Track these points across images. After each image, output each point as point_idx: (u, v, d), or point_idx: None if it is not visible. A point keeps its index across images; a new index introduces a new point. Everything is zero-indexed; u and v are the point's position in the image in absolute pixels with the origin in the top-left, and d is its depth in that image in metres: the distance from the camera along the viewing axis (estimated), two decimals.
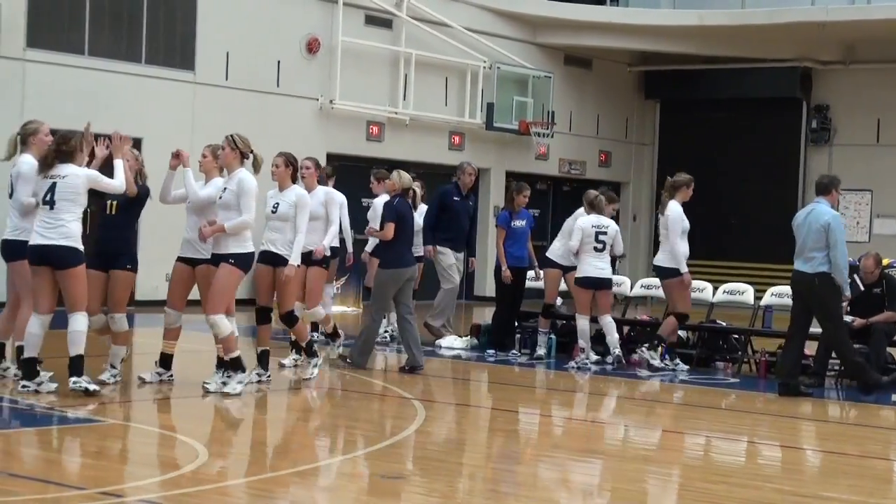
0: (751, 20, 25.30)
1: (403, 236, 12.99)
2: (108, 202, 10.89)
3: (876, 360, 13.29)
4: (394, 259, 12.95)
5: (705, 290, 15.24)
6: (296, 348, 12.90)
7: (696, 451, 10.01)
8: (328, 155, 22.23)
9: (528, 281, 15.58)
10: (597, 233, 14.16)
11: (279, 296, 11.59)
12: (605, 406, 12.36)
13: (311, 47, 22.25)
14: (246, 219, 10.74)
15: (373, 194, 16.02)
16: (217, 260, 10.80)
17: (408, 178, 13.23)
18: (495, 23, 25.45)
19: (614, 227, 14.38)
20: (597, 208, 14.40)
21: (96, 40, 19.42)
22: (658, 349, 14.01)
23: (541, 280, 15.78)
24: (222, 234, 10.73)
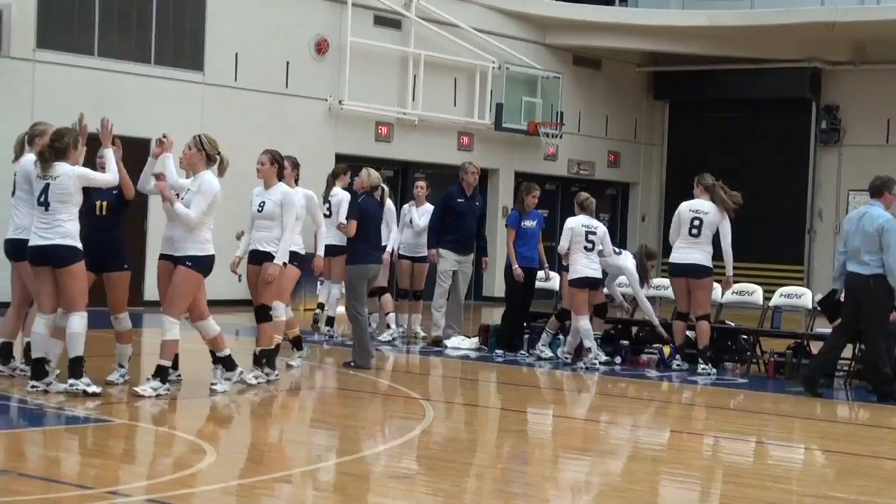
0: (760, 20, 25.29)
1: (368, 234, 13.01)
2: (98, 203, 10.80)
3: None
4: (360, 256, 13.01)
5: (714, 291, 15.19)
6: (296, 346, 12.98)
7: (705, 451, 9.98)
8: (337, 155, 22.24)
9: (538, 281, 15.59)
10: (587, 232, 14.31)
11: (258, 289, 11.49)
12: (614, 406, 12.34)
13: (320, 48, 22.26)
14: (191, 214, 10.40)
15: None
16: (175, 259, 10.55)
17: (376, 177, 13.29)
18: (504, 23, 25.44)
19: (602, 228, 14.55)
20: (587, 209, 14.56)
21: (106, 41, 19.44)
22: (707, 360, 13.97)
23: (550, 280, 15.82)
24: (177, 232, 10.51)
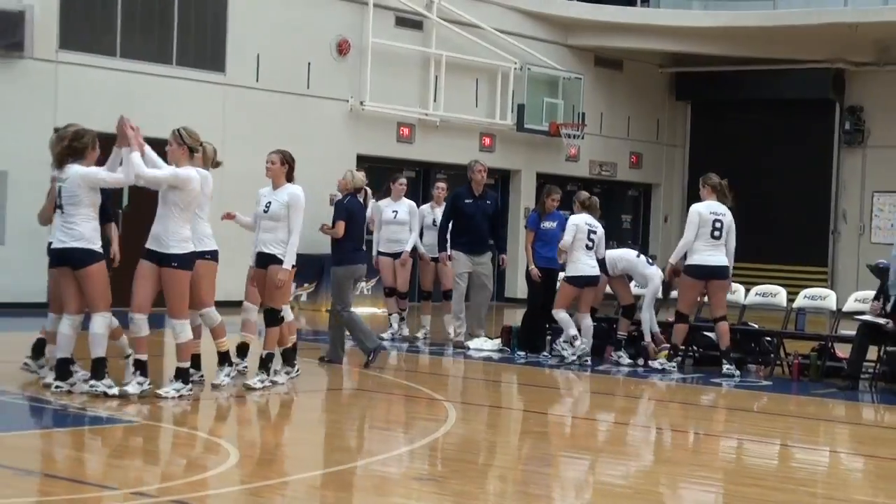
0: (783, 21, 25.17)
1: (354, 234, 13.01)
2: None
3: None
4: (346, 256, 12.99)
5: (738, 292, 15.16)
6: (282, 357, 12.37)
7: (729, 453, 9.93)
8: (358, 156, 22.27)
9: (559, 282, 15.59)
10: (589, 231, 14.37)
11: (266, 292, 11.36)
12: (636, 408, 12.31)
13: (342, 49, 22.26)
14: (146, 172, 10.09)
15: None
16: (158, 258, 10.27)
17: (360, 178, 13.26)
18: (526, 24, 25.41)
19: (601, 229, 14.60)
20: (590, 209, 14.60)
21: (128, 42, 19.49)
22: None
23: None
24: (159, 231, 10.27)
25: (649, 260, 15.11)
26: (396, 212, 16.28)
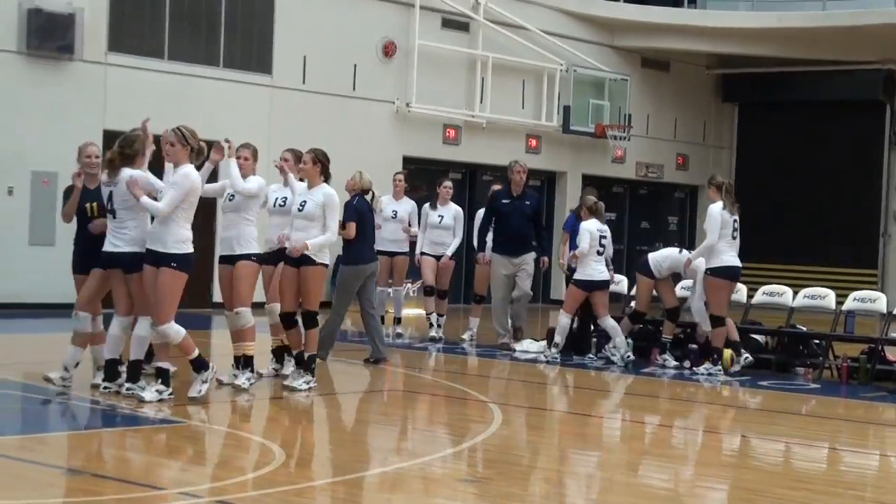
0: (832, 22, 24.96)
1: (364, 234, 12.99)
2: (88, 205, 10.63)
3: None
4: (355, 256, 13.01)
5: (785, 295, 15.06)
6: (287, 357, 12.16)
7: (776, 456, 9.87)
8: (404, 158, 22.31)
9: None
10: (601, 237, 14.52)
11: (303, 295, 11.30)
12: (682, 411, 12.24)
13: (388, 51, 22.30)
14: (159, 207, 9.95)
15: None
16: (157, 258, 10.10)
17: (367, 180, 13.24)
18: (572, 26, 25.36)
19: (609, 233, 14.78)
20: (597, 213, 14.70)
21: (176, 44, 19.63)
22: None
23: (618, 283, 15.76)
24: (159, 230, 10.09)
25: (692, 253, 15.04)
26: (442, 216, 16.29)
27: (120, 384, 10.44)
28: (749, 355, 14.18)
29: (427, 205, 16.45)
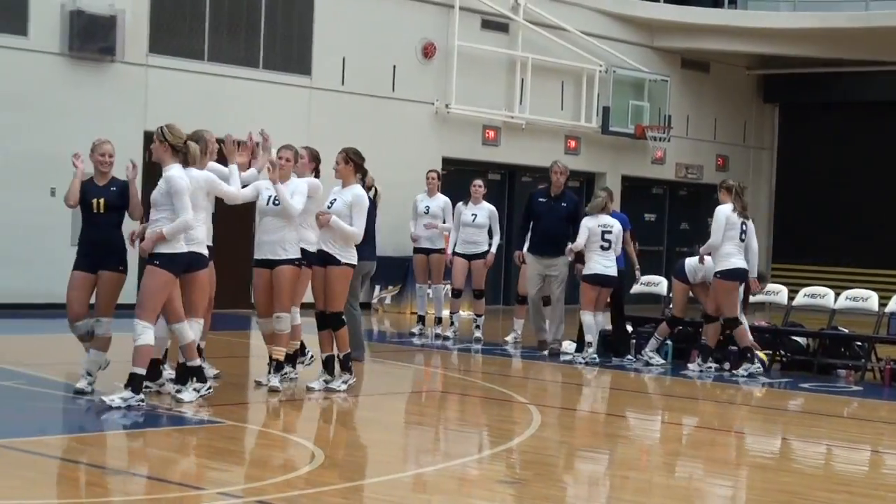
0: (874, 22, 24.74)
1: (365, 232, 12.79)
2: (95, 200, 10.40)
3: None
4: (357, 253, 12.86)
5: (827, 297, 14.97)
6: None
7: (817, 459, 9.81)
8: (444, 159, 22.30)
9: (636, 284, 15.80)
10: (602, 232, 14.62)
11: (327, 296, 11.25)
12: (722, 413, 12.18)
13: (427, 52, 22.31)
14: (185, 219, 9.90)
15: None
16: (148, 261, 10.04)
17: (371, 177, 13.14)
18: (612, 26, 25.29)
19: (618, 226, 14.79)
20: (604, 209, 14.82)
21: (215, 46, 19.71)
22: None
23: (648, 285, 15.81)
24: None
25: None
26: (475, 215, 16.30)
27: (161, 384, 10.50)
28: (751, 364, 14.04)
29: (461, 203, 16.48)
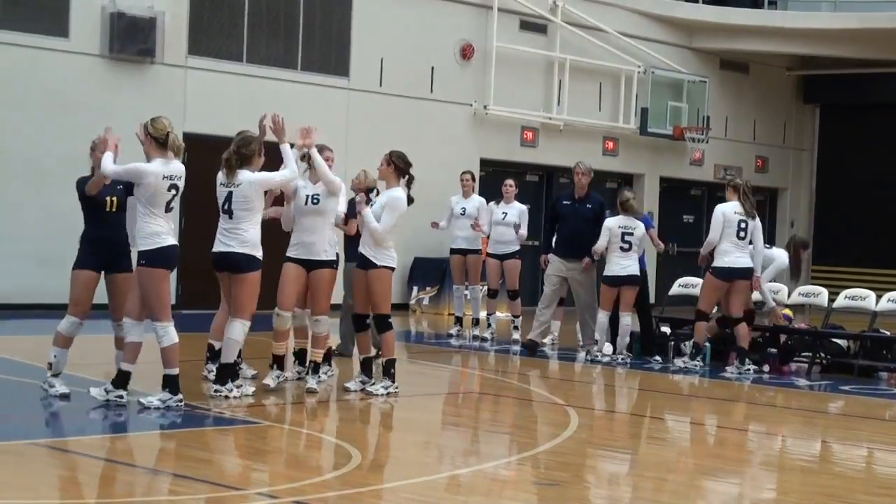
0: None
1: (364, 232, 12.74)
2: (108, 199, 10.16)
3: None
4: (354, 253, 12.78)
5: (868, 299, 14.87)
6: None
7: (858, 462, 9.74)
8: (482, 160, 22.30)
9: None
10: (623, 233, 14.66)
11: (370, 299, 11.21)
12: (762, 415, 12.11)
13: (466, 53, 22.31)
14: (138, 219, 9.76)
15: None
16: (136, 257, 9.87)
17: (372, 178, 13.01)
18: (650, 27, 25.22)
19: (641, 228, 14.79)
20: (628, 210, 14.83)
21: (254, 48, 19.78)
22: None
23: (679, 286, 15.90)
24: (136, 232, 9.92)
25: (767, 246, 14.94)
26: (506, 213, 16.33)
27: (238, 386, 10.57)
28: (751, 366, 14.20)
29: (492, 203, 16.56)
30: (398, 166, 11.32)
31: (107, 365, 11.26)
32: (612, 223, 14.74)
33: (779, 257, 14.82)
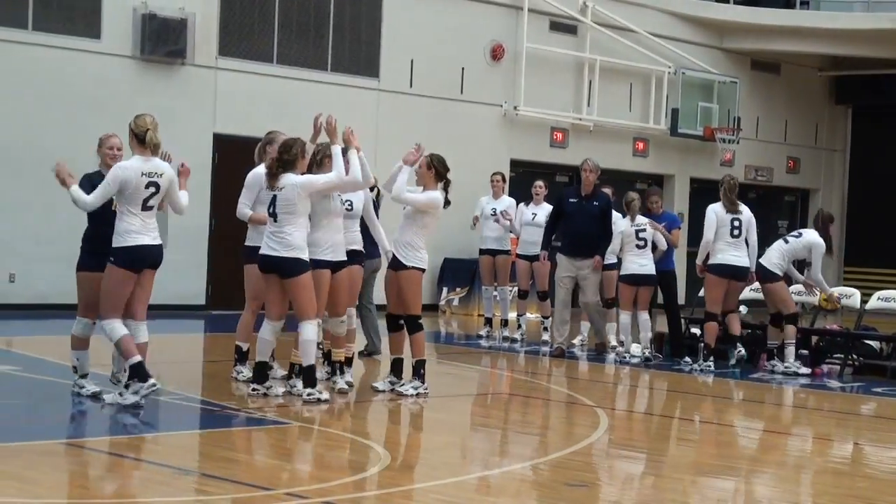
0: None
1: (369, 230, 12.33)
2: (112, 197, 9.99)
3: None
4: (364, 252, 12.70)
5: (853, 297, 14.89)
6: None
7: (890, 464, 9.67)
8: (511, 161, 22.29)
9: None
10: (636, 231, 14.78)
11: (400, 299, 11.21)
12: (793, 417, 12.05)
13: (496, 54, 22.30)
14: (84, 198, 9.77)
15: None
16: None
17: (373, 177, 13.02)
18: (680, 28, 25.14)
19: (649, 225, 14.91)
20: (633, 211, 14.95)
21: (284, 49, 19.83)
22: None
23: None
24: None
25: (796, 233, 14.80)
26: (535, 214, 16.31)
27: (268, 387, 10.59)
28: (742, 349, 14.26)
29: (522, 204, 16.58)
30: (438, 170, 11.32)
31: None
32: (623, 224, 14.87)
33: (816, 243, 14.46)
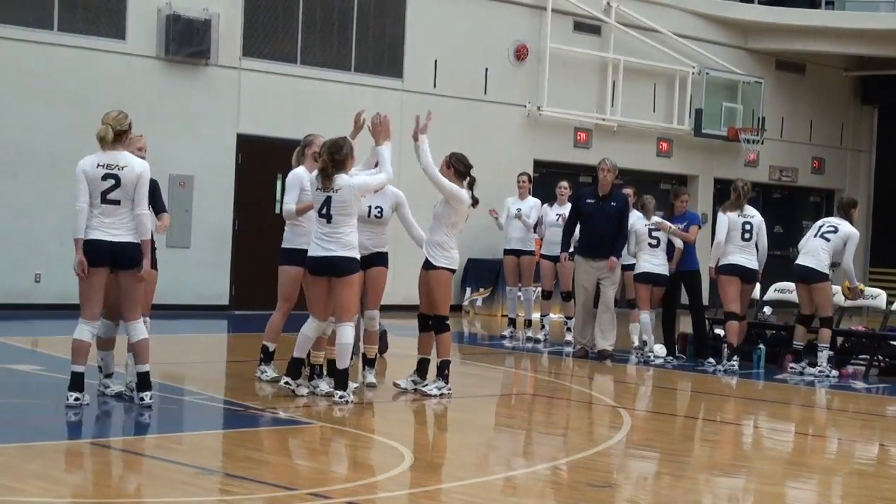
0: None
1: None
2: None
3: None
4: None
5: (879, 297, 14.84)
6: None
7: None
8: (535, 161, 22.27)
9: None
10: (650, 230, 14.93)
11: (429, 299, 11.19)
12: (817, 418, 12.01)
13: (520, 54, 22.28)
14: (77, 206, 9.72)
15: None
16: None
17: None
18: (705, 28, 25.07)
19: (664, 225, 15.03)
20: (644, 209, 15.19)
21: (308, 49, 19.86)
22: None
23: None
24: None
25: (830, 228, 14.40)
26: (560, 215, 16.29)
27: (298, 384, 10.63)
28: (735, 363, 14.29)
29: (546, 205, 16.57)
30: (457, 169, 11.30)
31: (163, 365, 11.35)
32: (638, 224, 15.00)
33: (853, 234, 14.23)
